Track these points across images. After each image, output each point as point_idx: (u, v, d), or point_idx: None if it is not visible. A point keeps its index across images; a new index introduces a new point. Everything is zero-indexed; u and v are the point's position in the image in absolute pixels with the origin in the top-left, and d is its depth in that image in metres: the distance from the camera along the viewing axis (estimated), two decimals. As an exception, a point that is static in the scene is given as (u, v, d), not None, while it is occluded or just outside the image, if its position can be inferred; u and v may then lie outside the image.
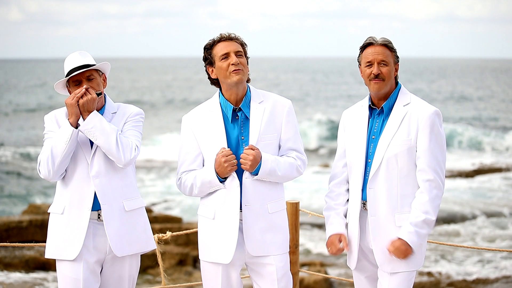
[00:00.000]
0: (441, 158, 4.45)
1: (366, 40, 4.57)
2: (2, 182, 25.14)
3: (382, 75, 4.47)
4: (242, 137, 4.55)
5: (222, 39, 4.54)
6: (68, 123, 4.48)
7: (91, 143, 4.59)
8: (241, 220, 4.53)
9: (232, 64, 4.48)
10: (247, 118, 4.56)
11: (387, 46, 4.52)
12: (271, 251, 4.56)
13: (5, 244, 5.70)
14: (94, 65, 4.61)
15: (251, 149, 4.45)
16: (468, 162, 27.66)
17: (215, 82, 4.62)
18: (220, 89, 4.62)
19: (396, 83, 4.58)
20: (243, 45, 4.59)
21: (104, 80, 4.70)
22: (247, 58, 4.61)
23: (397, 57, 4.56)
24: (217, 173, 4.49)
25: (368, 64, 4.50)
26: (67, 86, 4.65)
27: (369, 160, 4.52)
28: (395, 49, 4.55)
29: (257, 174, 4.48)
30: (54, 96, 59.96)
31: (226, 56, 4.50)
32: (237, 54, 4.51)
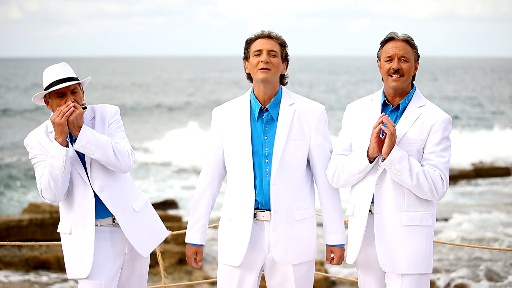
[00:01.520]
0: (447, 163, 4.43)
1: (388, 35, 4.53)
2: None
3: (402, 70, 4.44)
4: (266, 137, 4.51)
5: (261, 36, 4.53)
6: (57, 144, 4.42)
7: (82, 160, 4.57)
8: (267, 221, 4.49)
9: (261, 62, 4.47)
10: (273, 119, 4.52)
11: (409, 42, 4.49)
12: (294, 259, 4.52)
13: (5, 243, 5.70)
14: (77, 78, 4.57)
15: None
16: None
17: (250, 77, 4.60)
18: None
19: (412, 85, 4.55)
20: (282, 45, 4.56)
21: (83, 94, 4.62)
22: (286, 59, 4.58)
23: (418, 54, 4.53)
24: None
25: (388, 58, 4.47)
26: (45, 97, 4.58)
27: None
28: (416, 46, 4.52)
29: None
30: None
31: (258, 53, 4.50)
32: (270, 53, 4.49)
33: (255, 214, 4.50)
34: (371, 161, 4.44)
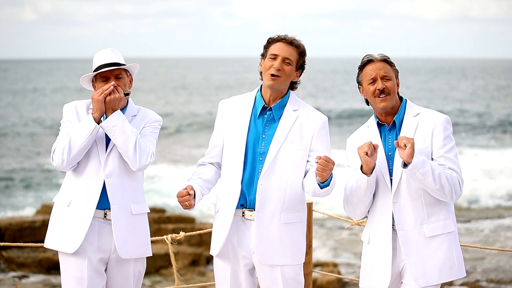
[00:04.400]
0: (458, 164, 4.40)
1: (364, 58, 4.52)
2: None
3: (387, 89, 4.43)
4: (264, 136, 4.52)
5: (282, 39, 4.52)
6: (91, 117, 4.49)
7: (107, 142, 4.61)
8: (253, 220, 4.49)
9: (273, 68, 4.46)
10: (274, 120, 4.53)
11: (387, 61, 4.49)
12: (278, 261, 4.50)
13: (18, 244, 5.72)
14: (124, 64, 4.65)
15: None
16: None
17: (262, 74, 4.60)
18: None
19: (400, 98, 4.54)
20: (301, 54, 4.54)
21: (131, 81, 4.72)
22: (300, 68, 4.57)
23: (397, 71, 4.53)
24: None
25: (371, 81, 4.45)
26: (93, 81, 4.68)
27: (391, 177, 4.44)
28: (394, 64, 4.53)
29: (328, 186, 4.39)
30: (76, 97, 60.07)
31: (274, 57, 4.49)
32: (285, 60, 4.47)
33: (243, 212, 4.52)
34: (368, 175, 4.35)
